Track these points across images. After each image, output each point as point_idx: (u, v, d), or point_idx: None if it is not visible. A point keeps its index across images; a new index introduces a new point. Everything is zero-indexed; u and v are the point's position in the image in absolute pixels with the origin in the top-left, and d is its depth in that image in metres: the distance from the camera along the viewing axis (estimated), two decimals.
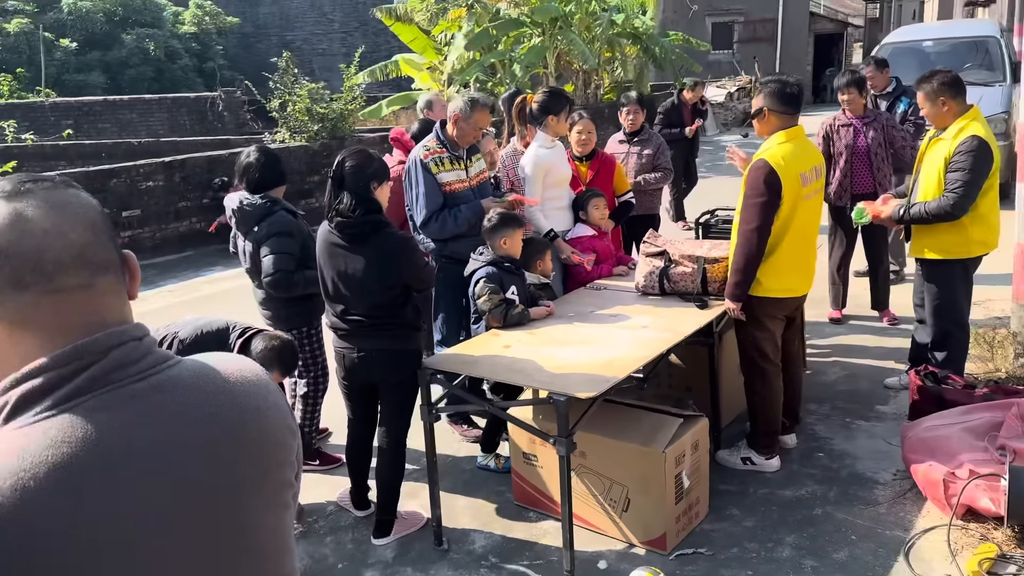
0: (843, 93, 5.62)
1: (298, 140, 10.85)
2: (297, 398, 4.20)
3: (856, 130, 5.58)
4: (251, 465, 1.00)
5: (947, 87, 3.99)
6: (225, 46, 26.31)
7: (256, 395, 1.04)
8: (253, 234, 3.88)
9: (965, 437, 3.48)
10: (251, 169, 3.90)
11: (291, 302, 3.88)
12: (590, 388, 3.04)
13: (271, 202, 3.88)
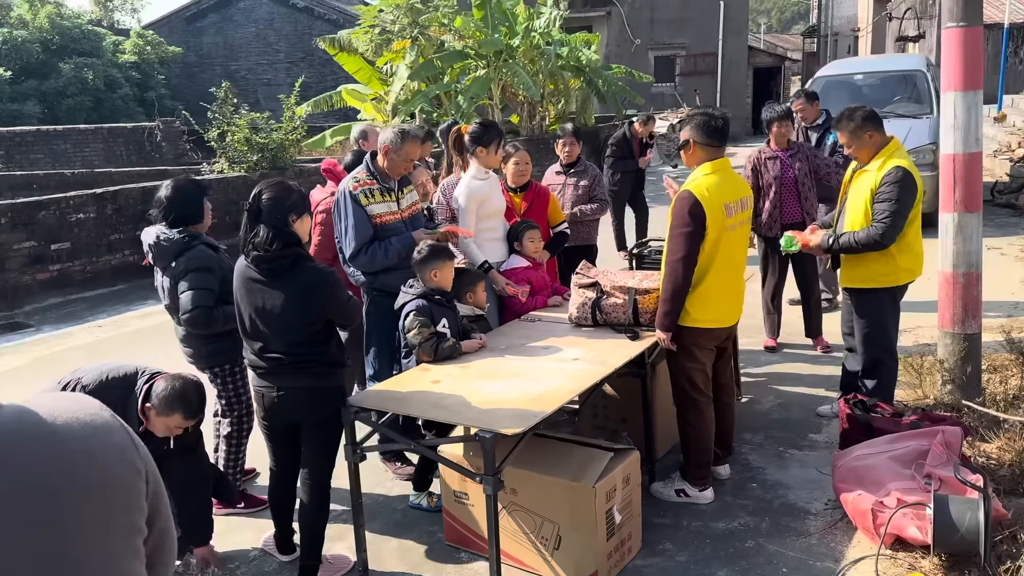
0: (779, 126, 5.73)
1: (237, 170, 10.67)
2: (220, 438, 4.05)
3: (783, 162, 5.70)
4: (79, 512, 0.91)
5: (870, 121, 4.08)
6: (167, 76, 25.89)
7: (88, 437, 0.95)
8: (171, 269, 3.75)
9: (893, 466, 3.50)
10: (166, 203, 3.79)
11: (212, 339, 3.75)
12: (518, 424, 2.98)
13: (189, 236, 3.76)
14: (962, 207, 4.45)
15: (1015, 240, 8.78)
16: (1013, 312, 6.22)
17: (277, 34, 26.48)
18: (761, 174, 5.73)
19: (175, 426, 3.11)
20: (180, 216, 3.78)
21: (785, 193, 5.69)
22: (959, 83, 4.36)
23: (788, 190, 5.69)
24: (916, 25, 23.83)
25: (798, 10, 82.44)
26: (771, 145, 5.79)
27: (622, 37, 25.27)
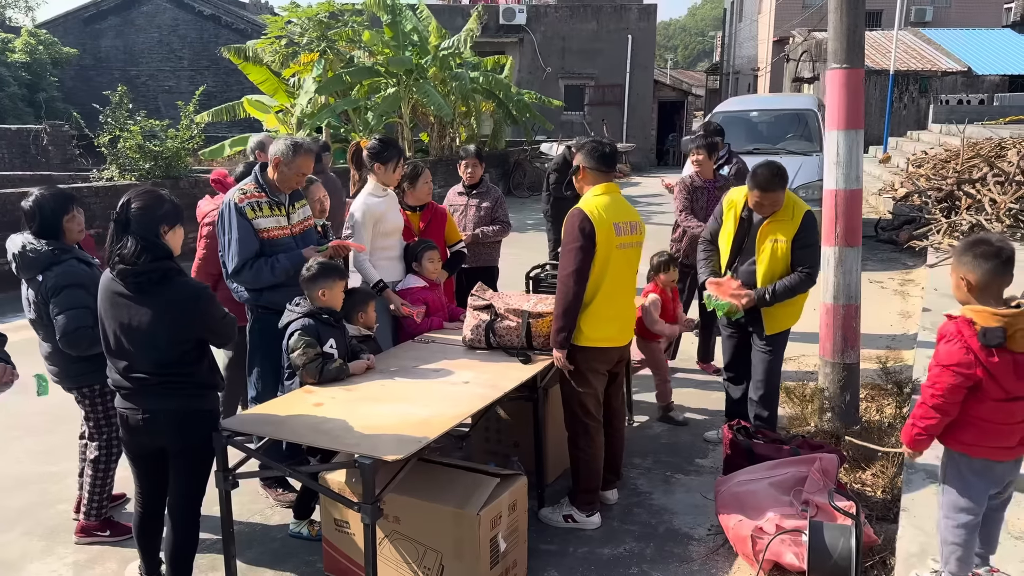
0: (695, 154, 5.82)
1: (128, 178, 10.19)
2: (87, 463, 3.79)
3: (709, 193, 5.79)
4: None
5: (784, 178, 4.13)
6: (61, 78, 24.65)
7: None
8: (37, 283, 3.50)
9: (772, 492, 3.57)
10: (26, 213, 3.54)
11: (81, 358, 3.50)
12: (400, 449, 2.88)
13: (59, 249, 3.52)
14: (843, 241, 4.64)
15: (895, 274, 9.27)
16: (891, 343, 6.52)
17: (181, 41, 25.66)
18: (694, 200, 5.82)
19: None
20: (42, 228, 3.53)
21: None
22: (842, 122, 4.55)
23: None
24: (811, 67, 25.13)
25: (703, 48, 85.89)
26: (699, 175, 5.88)
27: (534, 64, 25.64)
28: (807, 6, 30.79)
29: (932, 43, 25.59)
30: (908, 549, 3.13)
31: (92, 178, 10.81)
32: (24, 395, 3.00)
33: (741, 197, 4.28)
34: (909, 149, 16.61)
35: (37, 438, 5.03)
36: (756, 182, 4.07)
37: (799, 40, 27.04)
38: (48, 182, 11.03)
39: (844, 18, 4.48)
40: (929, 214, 10.45)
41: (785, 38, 30.13)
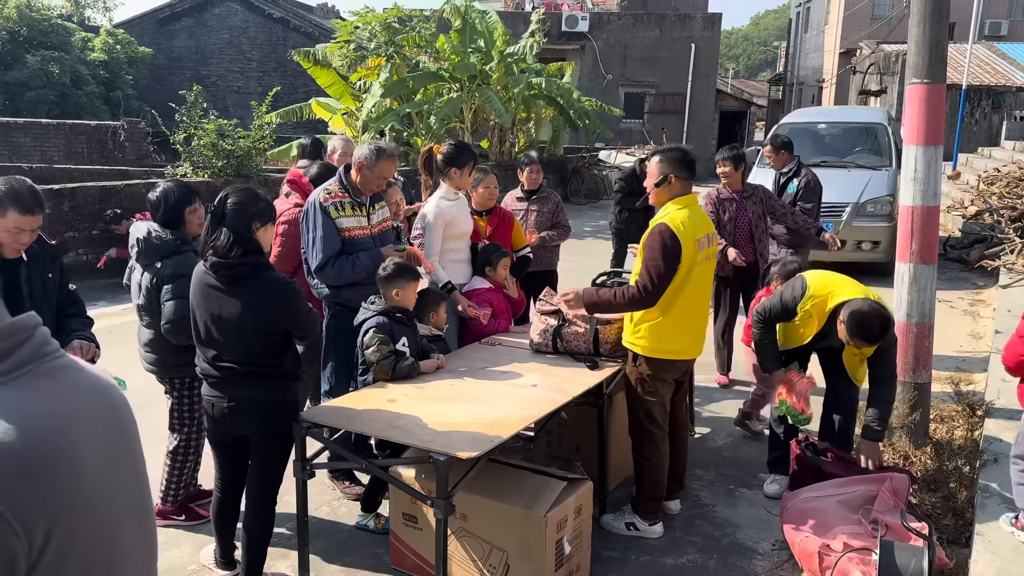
0: (721, 166, 5.82)
1: (201, 175, 10.50)
2: (167, 452, 3.93)
3: (738, 204, 5.79)
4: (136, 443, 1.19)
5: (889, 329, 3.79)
6: (136, 76, 25.52)
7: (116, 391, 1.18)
8: (155, 269, 3.64)
9: (840, 510, 3.53)
10: (159, 202, 3.69)
11: (180, 349, 3.63)
12: (472, 448, 2.94)
13: (180, 240, 3.67)
14: (918, 258, 4.56)
15: (964, 294, 9.03)
16: (961, 365, 6.36)
17: (251, 42, 26.33)
18: (720, 213, 5.80)
19: (14, 227, 2.84)
20: (166, 217, 3.69)
21: (739, 235, 5.77)
22: (920, 137, 4.48)
23: (742, 232, 5.78)
24: (879, 80, 24.61)
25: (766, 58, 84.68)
26: (726, 187, 5.87)
27: (594, 71, 25.62)
28: (876, 18, 30.18)
29: (1007, 57, 24.82)
30: (983, 573, 3.07)
31: (166, 174, 11.16)
32: None
33: (823, 309, 3.88)
34: (980, 166, 16.15)
35: None
36: (865, 337, 3.68)
37: (867, 52, 26.50)
38: (125, 177, 11.47)
39: (927, 32, 4.42)
40: (1002, 233, 10.15)
41: (852, 50, 29.55)
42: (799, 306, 3.94)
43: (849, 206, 9.42)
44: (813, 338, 4.01)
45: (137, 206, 9.74)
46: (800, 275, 4.11)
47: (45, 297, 2.95)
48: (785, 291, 4.05)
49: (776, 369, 4.09)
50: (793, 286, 4.02)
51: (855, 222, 9.40)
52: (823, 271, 4.13)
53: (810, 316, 3.94)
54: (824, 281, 3.97)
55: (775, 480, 4.30)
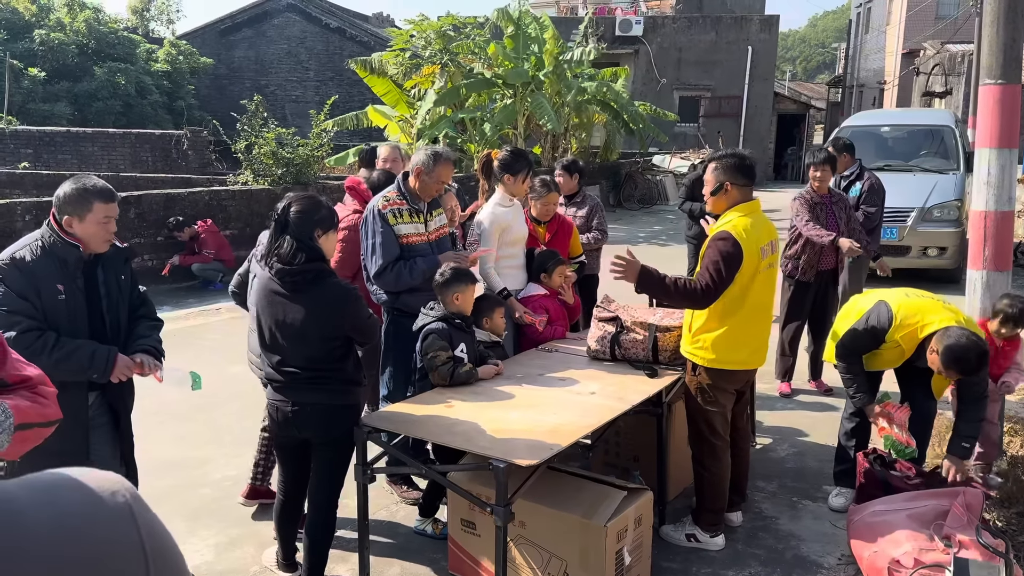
0: (817, 170, 5.66)
1: (261, 183, 10.75)
2: (261, 436, 4.08)
3: (827, 209, 5.64)
4: None
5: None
6: (197, 86, 26.22)
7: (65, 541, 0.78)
8: None
9: (910, 524, 3.42)
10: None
11: None
12: (532, 455, 2.93)
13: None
14: (992, 265, 4.40)
15: None
16: None
17: (308, 52, 26.81)
18: (816, 214, 5.62)
19: (104, 217, 2.89)
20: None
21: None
22: (994, 140, 4.33)
23: None
24: (944, 81, 23.90)
25: (824, 60, 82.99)
26: (816, 190, 5.72)
27: (648, 75, 25.44)
28: (940, 17, 29.30)
29: None
30: None
31: (228, 182, 11.46)
32: (180, 387, 3.21)
33: (914, 338, 3.75)
34: None
35: (180, 424, 5.36)
36: (962, 371, 3.57)
37: (931, 53, 25.76)
38: (188, 185, 11.78)
39: (1001, 32, 4.27)
40: None
41: (915, 50, 28.75)
42: (888, 335, 3.79)
43: (915, 211, 9.15)
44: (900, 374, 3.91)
45: (199, 213, 10.01)
46: (882, 300, 3.90)
47: (121, 298, 3.04)
48: (870, 319, 3.85)
49: (870, 403, 3.93)
50: (879, 313, 3.83)
51: (921, 227, 9.14)
52: (909, 295, 3.92)
53: (898, 346, 3.80)
54: (912, 309, 3.78)
55: (841, 493, 4.18)
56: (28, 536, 0.75)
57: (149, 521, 0.85)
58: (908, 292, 3.97)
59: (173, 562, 0.86)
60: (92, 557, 0.79)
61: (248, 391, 5.23)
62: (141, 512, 0.84)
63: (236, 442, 4.92)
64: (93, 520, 0.80)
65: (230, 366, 6.37)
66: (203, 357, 6.83)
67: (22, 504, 0.77)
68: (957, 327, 3.59)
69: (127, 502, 0.84)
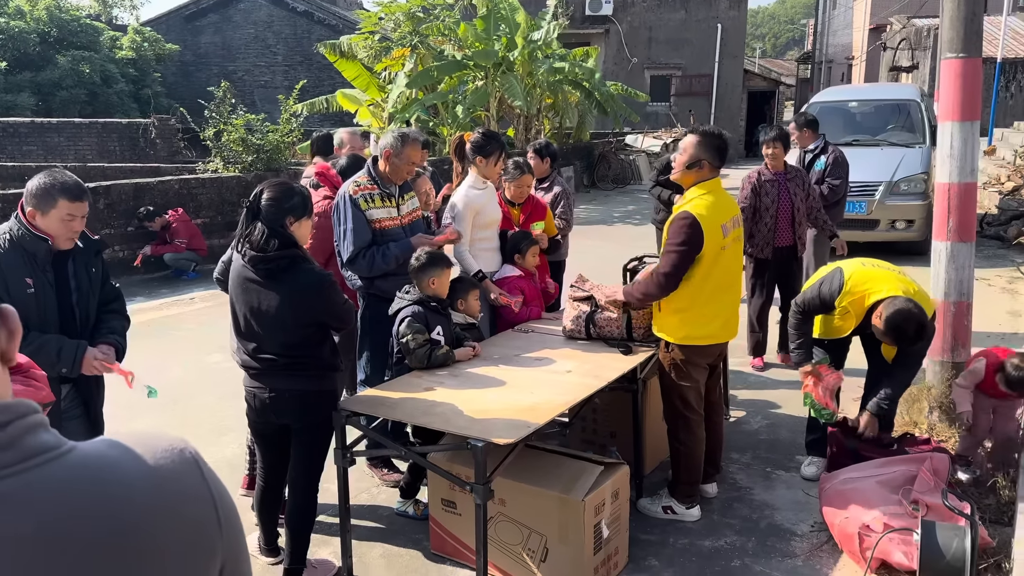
0: (768, 147, 5.76)
1: (232, 170, 10.64)
2: None
3: (780, 185, 5.73)
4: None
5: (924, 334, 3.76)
6: (164, 73, 25.80)
7: (159, 491, 0.87)
8: None
9: (880, 490, 3.51)
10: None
11: None
12: (509, 434, 2.97)
13: None
14: (956, 236, 4.50)
15: (1002, 272, 8.87)
16: (1000, 343, 6.24)
17: (276, 36, 26.46)
18: (760, 196, 5.74)
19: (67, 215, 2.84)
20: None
21: (780, 217, 5.71)
22: (956, 113, 4.41)
23: (783, 214, 5.71)
24: (910, 56, 24.13)
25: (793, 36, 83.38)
26: (768, 167, 5.81)
27: (619, 55, 25.44)
28: None
29: None
30: None
31: (198, 170, 11.33)
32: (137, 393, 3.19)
33: (862, 305, 3.82)
34: (1016, 141, 15.80)
35: (155, 415, 5.32)
36: (898, 339, 3.69)
37: (897, 28, 25.99)
38: (157, 174, 11.64)
39: (962, 6, 4.33)
40: None
41: (882, 25, 28.97)
42: (836, 301, 3.89)
43: (882, 185, 9.28)
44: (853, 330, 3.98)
45: (170, 202, 9.90)
46: (839, 267, 4.00)
47: (91, 291, 3.02)
48: (824, 285, 3.96)
49: (806, 361, 4.03)
50: (832, 280, 3.94)
51: (889, 201, 9.27)
52: (865, 264, 4.01)
53: (847, 312, 3.89)
54: (862, 276, 3.87)
55: (813, 462, 4.28)
56: (130, 487, 0.86)
57: (211, 472, 0.96)
58: (865, 262, 4.06)
59: (233, 507, 0.98)
60: (178, 503, 0.89)
61: (224, 380, 5.23)
62: (205, 465, 0.96)
63: (213, 431, 4.92)
64: (175, 472, 0.91)
65: (206, 356, 6.36)
66: (178, 347, 6.81)
67: (114, 459, 0.88)
68: (903, 297, 3.67)
69: (194, 456, 0.95)
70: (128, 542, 0.83)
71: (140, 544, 0.84)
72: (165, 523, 0.87)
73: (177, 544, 0.87)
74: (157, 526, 0.86)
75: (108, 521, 0.82)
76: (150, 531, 0.85)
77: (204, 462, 0.95)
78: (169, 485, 0.89)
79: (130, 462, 0.88)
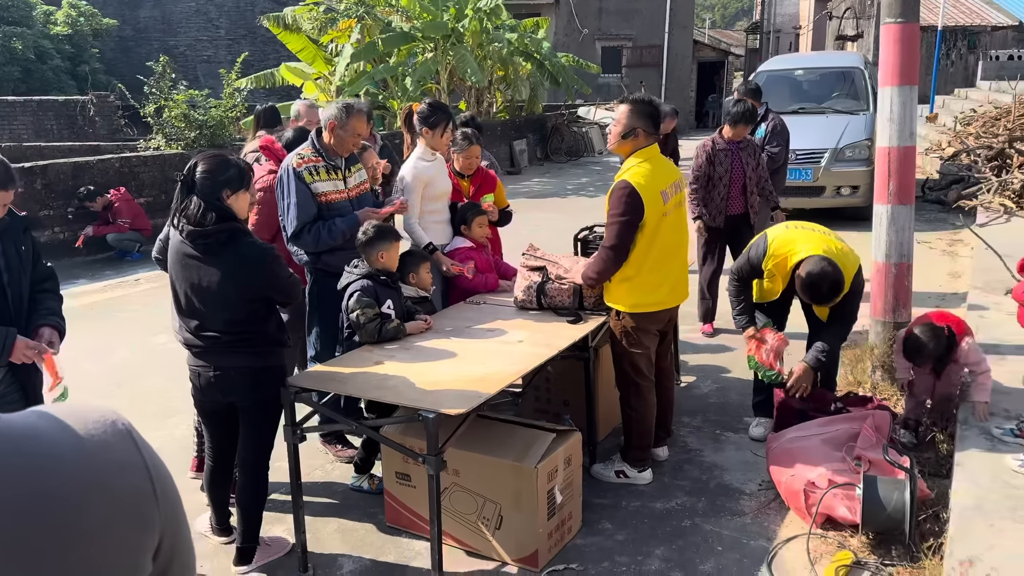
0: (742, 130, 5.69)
1: (174, 147, 10.37)
2: None
3: (733, 155, 5.75)
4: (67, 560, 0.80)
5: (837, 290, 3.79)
6: (102, 49, 24.94)
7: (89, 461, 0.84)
8: None
9: (824, 448, 3.61)
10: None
11: None
12: (460, 404, 2.97)
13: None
14: (896, 199, 4.59)
15: (943, 235, 9.12)
16: (940, 303, 6.44)
17: (218, 10, 25.76)
18: (714, 165, 5.76)
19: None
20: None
21: (733, 186, 5.74)
22: (895, 78, 4.49)
23: (736, 184, 5.74)
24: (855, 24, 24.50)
25: (742, 7, 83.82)
26: (724, 137, 5.82)
27: (570, 26, 25.33)
28: None
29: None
30: (963, 503, 3.15)
31: (139, 148, 11.03)
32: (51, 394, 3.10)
33: (785, 267, 3.91)
34: (957, 107, 16.19)
35: (100, 398, 5.22)
36: (813, 297, 3.83)
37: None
38: (96, 152, 11.29)
39: None
40: (979, 173, 10.22)
41: None
42: (763, 265, 4.01)
43: (828, 152, 9.44)
44: (786, 292, 4.06)
45: (111, 182, 9.63)
46: (764, 233, 4.13)
47: (22, 269, 2.91)
48: (752, 250, 4.10)
49: (750, 326, 4.13)
50: (757, 245, 4.08)
51: (834, 167, 9.44)
52: (789, 227, 4.13)
53: (774, 275, 4.01)
54: (784, 239, 3.98)
55: (760, 423, 4.38)
56: (58, 458, 0.82)
57: (145, 443, 0.93)
58: (790, 224, 4.16)
59: (169, 479, 0.95)
60: (110, 475, 0.86)
61: (171, 362, 5.13)
62: (139, 436, 0.93)
63: (160, 413, 4.83)
64: (106, 444, 0.87)
65: (152, 337, 6.24)
66: (123, 329, 6.66)
67: (43, 429, 0.84)
68: (818, 256, 3.76)
69: (127, 427, 0.92)
70: (54, 512, 0.79)
71: (68, 516, 0.80)
72: (95, 495, 0.83)
73: (109, 516, 0.84)
74: (87, 498, 0.82)
75: (32, 488, 0.79)
76: (78, 503, 0.81)
77: (138, 433, 0.92)
78: (100, 455, 0.85)
79: (59, 432, 0.84)
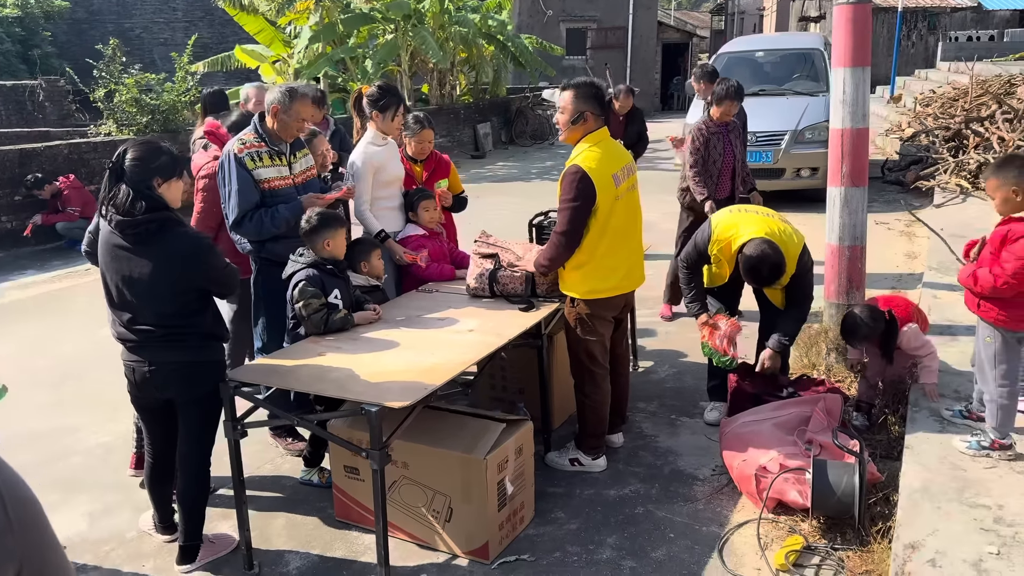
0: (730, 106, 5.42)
1: (126, 133, 10.10)
2: None
3: (724, 138, 5.55)
4: None
5: (777, 273, 3.83)
6: (54, 32, 24.24)
7: None
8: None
9: (776, 432, 3.60)
10: None
11: None
12: (405, 396, 2.90)
13: None
14: (849, 181, 4.59)
15: (901, 216, 9.19)
16: (897, 284, 6.50)
17: None
18: (709, 149, 5.49)
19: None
20: None
21: (724, 169, 5.57)
22: (848, 59, 4.46)
23: (727, 166, 5.54)
24: (818, 6, 24.63)
25: None
26: (714, 119, 5.54)
27: (534, 7, 25.13)
28: None
29: None
30: (911, 485, 3.16)
31: (90, 134, 10.73)
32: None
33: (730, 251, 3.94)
34: (917, 88, 16.34)
35: (47, 392, 5.07)
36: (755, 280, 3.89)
37: None
38: (46, 139, 10.97)
39: None
40: (936, 154, 10.32)
41: None
42: (708, 249, 4.02)
43: (788, 134, 9.45)
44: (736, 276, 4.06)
45: (60, 169, 9.36)
46: (710, 219, 4.14)
47: None
48: (698, 235, 4.11)
49: (702, 312, 4.12)
50: (703, 230, 4.09)
51: (794, 149, 9.46)
52: (732, 211, 4.14)
53: (720, 259, 4.02)
54: (728, 223, 4.01)
55: (715, 407, 4.37)
56: None
57: (5, 467, 0.86)
58: (734, 208, 4.17)
59: (30, 502, 0.87)
60: None
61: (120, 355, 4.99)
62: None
63: (108, 407, 4.70)
64: None
65: (100, 328, 6.03)
66: (71, 321, 6.48)
67: None
68: (759, 239, 3.79)
69: None
70: None
71: None
72: None
73: None
74: None
75: None
76: None
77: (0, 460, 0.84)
78: None
79: None
